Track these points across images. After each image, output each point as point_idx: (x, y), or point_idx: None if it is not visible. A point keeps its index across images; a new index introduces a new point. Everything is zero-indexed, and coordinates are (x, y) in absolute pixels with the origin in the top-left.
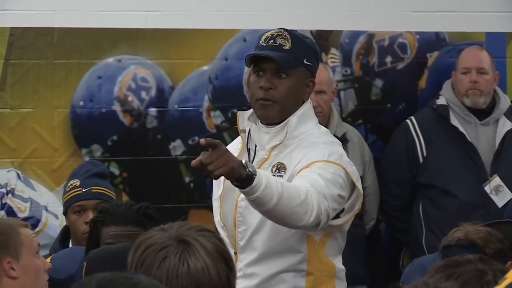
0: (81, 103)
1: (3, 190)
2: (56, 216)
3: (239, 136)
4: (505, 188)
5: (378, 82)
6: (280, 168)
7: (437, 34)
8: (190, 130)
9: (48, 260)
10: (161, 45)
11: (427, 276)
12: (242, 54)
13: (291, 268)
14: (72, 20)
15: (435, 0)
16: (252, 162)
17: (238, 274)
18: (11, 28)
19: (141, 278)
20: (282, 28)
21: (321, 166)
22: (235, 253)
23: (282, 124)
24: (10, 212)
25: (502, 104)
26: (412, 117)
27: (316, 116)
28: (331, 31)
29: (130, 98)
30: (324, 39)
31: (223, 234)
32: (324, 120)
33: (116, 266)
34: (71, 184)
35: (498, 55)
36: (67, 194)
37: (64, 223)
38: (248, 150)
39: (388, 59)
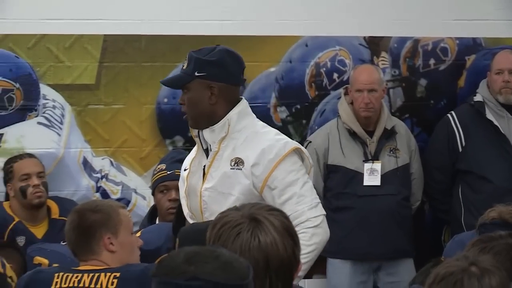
0: (165, 100)
1: (98, 175)
2: (144, 198)
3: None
4: None
5: (423, 82)
6: (238, 162)
7: (474, 39)
8: None
9: (138, 234)
10: (234, 49)
11: (465, 250)
12: (304, 57)
13: None
14: (156, 28)
15: (472, 9)
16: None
17: None
18: (105, 35)
19: (223, 251)
20: (192, 52)
21: (296, 192)
22: None
23: (222, 121)
24: (104, 194)
25: None
26: (452, 112)
27: (368, 111)
28: (382, 37)
29: None
30: (375, 44)
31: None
32: (376, 115)
33: (203, 241)
34: (159, 168)
35: None
36: (155, 176)
37: (150, 204)
38: (206, 150)
39: (432, 61)
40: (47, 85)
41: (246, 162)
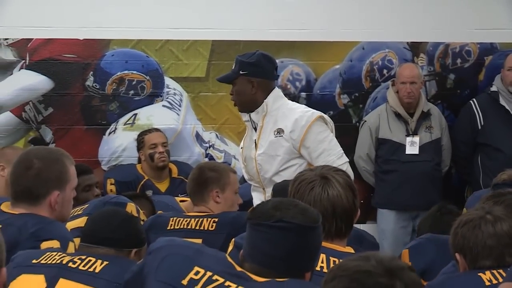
0: None
1: (207, 145)
2: None
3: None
4: None
5: (452, 76)
6: (279, 131)
7: (491, 44)
8: (327, 107)
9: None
10: (309, 52)
11: (481, 202)
12: (361, 57)
13: None
14: (252, 35)
15: (490, 20)
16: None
17: (267, 199)
18: (213, 40)
19: (300, 202)
20: (238, 56)
21: (325, 148)
22: (263, 188)
23: (262, 105)
24: (211, 159)
25: None
26: (474, 99)
27: (410, 98)
28: (421, 42)
29: (288, 86)
30: (416, 47)
31: (252, 183)
32: (415, 101)
33: (287, 194)
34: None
35: None
36: None
37: None
38: (255, 129)
39: (458, 60)
40: (169, 77)
41: (286, 130)
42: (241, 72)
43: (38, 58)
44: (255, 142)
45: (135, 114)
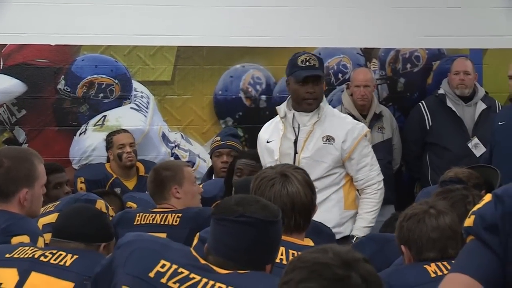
0: (220, 92)
1: (173, 144)
2: (205, 161)
3: (272, 120)
4: (481, 145)
5: (402, 80)
6: (329, 139)
7: (439, 50)
8: None
9: (201, 186)
10: (269, 57)
11: (432, 197)
12: None
13: (334, 194)
14: (214, 41)
15: (438, 28)
16: (298, 134)
17: None
18: (178, 46)
19: (261, 198)
20: (309, 53)
21: (368, 162)
22: None
23: (317, 109)
24: (177, 158)
25: (479, 93)
26: (423, 101)
27: (362, 101)
28: (373, 48)
29: (250, 89)
30: (368, 53)
31: None
32: (368, 103)
33: (249, 191)
34: (215, 140)
35: (477, 62)
36: (213, 145)
37: (209, 165)
38: (293, 128)
39: (408, 65)
40: (137, 81)
41: (337, 139)
42: (323, 73)
43: (12, 63)
44: (295, 143)
45: (105, 116)
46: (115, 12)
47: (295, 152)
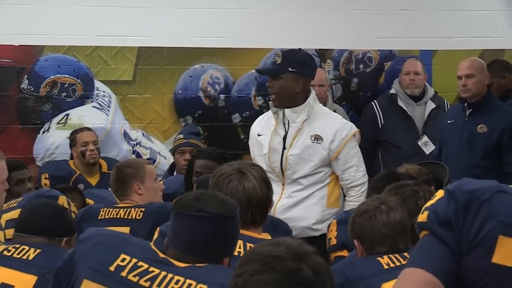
0: (180, 91)
1: (134, 142)
2: (165, 158)
3: (265, 114)
4: (430, 142)
5: (355, 80)
6: (318, 138)
7: (390, 51)
8: (244, 108)
9: (161, 182)
10: (227, 58)
11: (383, 193)
12: None
13: (318, 191)
14: (174, 42)
15: (389, 30)
16: (288, 130)
17: (285, 195)
18: (139, 47)
19: (220, 194)
20: (281, 50)
21: (355, 163)
22: (283, 184)
23: (303, 105)
24: (138, 155)
25: (429, 93)
26: (375, 101)
27: (319, 99)
28: (327, 49)
29: (208, 89)
30: (323, 54)
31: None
32: (323, 102)
33: (208, 187)
34: (178, 137)
35: (427, 63)
36: (175, 142)
37: (169, 162)
38: (284, 124)
39: (361, 66)
40: (99, 80)
41: (325, 139)
42: (290, 69)
43: None
44: (284, 139)
45: (67, 114)
46: (78, 13)
47: (284, 148)
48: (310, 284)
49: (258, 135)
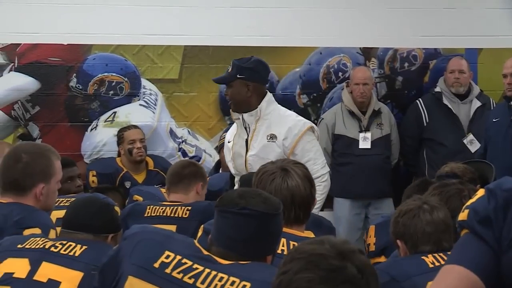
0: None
1: (180, 140)
2: (210, 155)
3: (234, 124)
4: (476, 141)
5: (400, 78)
6: (272, 137)
7: (435, 49)
8: (288, 106)
9: (208, 178)
10: (271, 56)
11: (427, 192)
12: (319, 61)
13: None
14: (220, 41)
15: (434, 28)
16: (248, 133)
17: None
18: (185, 46)
19: (263, 192)
20: (235, 60)
21: (312, 157)
22: None
23: (257, 108)
24: (184, 153)
25: (474, 91)
26: (420, 99)
27: (362, 98)
28: (372, 47)
29: None
30: (367, 52)
31: (238, 177)
32: (368, 100)
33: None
34: (224, 135)
35: (472, 61)
36: (221, 140)
37: (215, 160)
38: (245, 128)
39: (406, 64)
40: (146, 79)
41: (279, 137)
42: (238, 76)
43: (26, 61)
44: (247, 142)
45: (115, 112)
46: (125, 13)
47: (247, 151)
48: (354, 282)
49: (228, 141)
